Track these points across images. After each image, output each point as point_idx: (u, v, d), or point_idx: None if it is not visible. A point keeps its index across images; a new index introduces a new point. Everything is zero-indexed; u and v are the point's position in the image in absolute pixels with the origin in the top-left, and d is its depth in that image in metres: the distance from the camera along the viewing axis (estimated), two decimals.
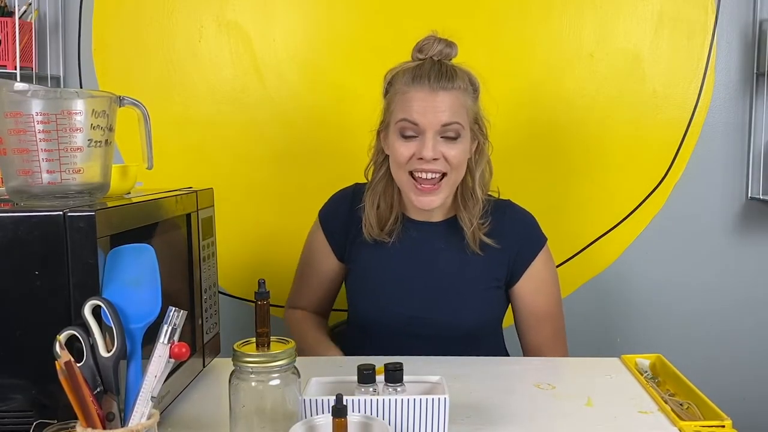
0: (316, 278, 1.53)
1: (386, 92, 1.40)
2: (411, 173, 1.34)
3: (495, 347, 1.49)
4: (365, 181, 1.48)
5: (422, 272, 1.42)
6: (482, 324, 1.44)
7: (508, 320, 1.50)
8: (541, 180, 1.91)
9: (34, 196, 0.89)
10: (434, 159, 1.31)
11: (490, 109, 1.42)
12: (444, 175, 1.34)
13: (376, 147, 1.43)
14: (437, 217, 1.44)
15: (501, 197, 1.48)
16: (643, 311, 1.96)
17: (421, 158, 1.31)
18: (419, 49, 1.37)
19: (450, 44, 1.37)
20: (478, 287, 1.42)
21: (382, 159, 1.42)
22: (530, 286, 1.44)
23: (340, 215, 1.48)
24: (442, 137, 1.32)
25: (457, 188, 1.41)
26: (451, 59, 1.38)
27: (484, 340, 1.45)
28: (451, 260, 1.42)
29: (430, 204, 1.35)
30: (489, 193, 1.45)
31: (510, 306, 1.49)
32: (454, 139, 1.33)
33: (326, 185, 1.58)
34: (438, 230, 1.43)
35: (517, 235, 1.43)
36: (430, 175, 1.33)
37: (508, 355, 1.54)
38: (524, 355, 1.49)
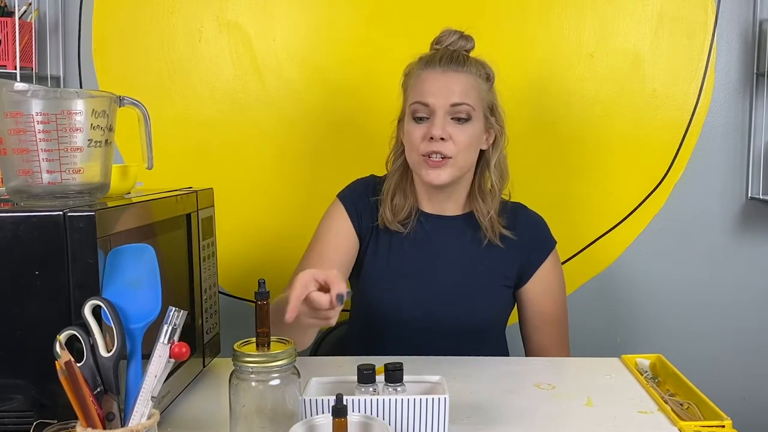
0: (332, 248, 1.45)
1: (403, 83, 1.44)
2: (422, 155, 1.36)
3: (499, 346, 1.49)
4: (373, 176, 1.50)
5: (433, 265, 1.43)
6: (490, 321, 1.44)
7: (510, 319, 1.50)
8: (541, 180, 1.91)
9: (34, 196, 0.89)
10: (442, 139, 1.33)
11: (504, 102, 1.45)
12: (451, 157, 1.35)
13: (396, 138, 1.46)
14: (451, 212, 1.45)
15: (512, 200, 1.49)
16: (643, 311, 1.96)
17: (431, 138, 1.33)
18: (437, 41, 1.42)
19: (466, 37, 1.42)
20: (489, 284, 1.43)
21: (400, 150, 1.45)
22: (539, 288, 1.45)
23: (361, 198, 1.48)
24: (452, 118, 1.35)
25: (474, 181, 1.43)
26: (466, 51, 1.42)
27: (489, 338, 1.45)
28: (463, 255, 1.43)
29: (438, 178, 1.35)
30: (502, 196, 1.45)
31: (516, 307, 1.49)
32: (465, 121, 1.35)
33: (326, 184, 1.58)
34: (451, 224, 1.44)
35: (528, 237, 1.44)
36: (438, 156, 1.35)
37: (508, 354, 1.54)
38: (527, 356, 1.49)
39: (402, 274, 1.43)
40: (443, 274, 1.42)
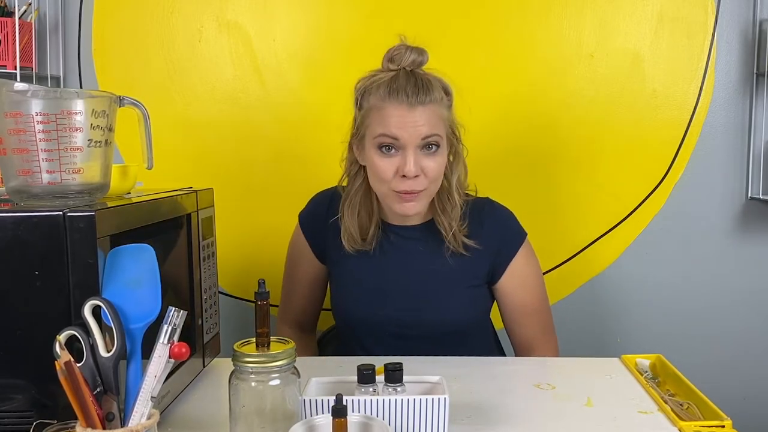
0: (302, 283, 1.54)
1: (359, 105, 1.38)
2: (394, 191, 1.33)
3: (484, 343, 1.49)
4: (337, 188, 1.48)
5: (403, 275, 1.42)
6: (467, 321, 1.44)
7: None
8: (541, 180, 1.91)
9: (34, 196, 0.89)
10: (416, 176, 1.30)
11: (464, 114, 1.40)
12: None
13: (349, 158, 1.41)
14: (415, 221, 1.43)
15: (479, 195, 1.46)
16: (643, 311, 1.95)
17: (404, 175, 1.29)
18: (390, 58, 1.35)
19: (421, 52, 1.34)
20: (459, 286, 1.42)
21: (356, 170, 1.40)
22: (513, 282, 1.43)
23: (320, 217, 1.48)
24: (422, 148, 1.31)
25: (436, 194, 1.40)
26: (422, 67, 1.35)
27: (471, 337, 1.45)
28: (430, 262, 1.41)
29: (412, 209, 1.34)
30: (467, 192, 1.44)
31: (496, 303, 1.49)
32: (434, 151, 1.32)
33: (326, 185, 1.58)
34: (416, 233, 1.43)
35: (495, 232, 1.42)
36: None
37: (501, 349, 1.54)
38: (515, 352, 1.49)
39: (373, 286, 1.42)
40: (410, 282, 1.41)
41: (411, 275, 1.42)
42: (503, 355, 1.55)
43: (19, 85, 0.99)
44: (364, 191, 1.41)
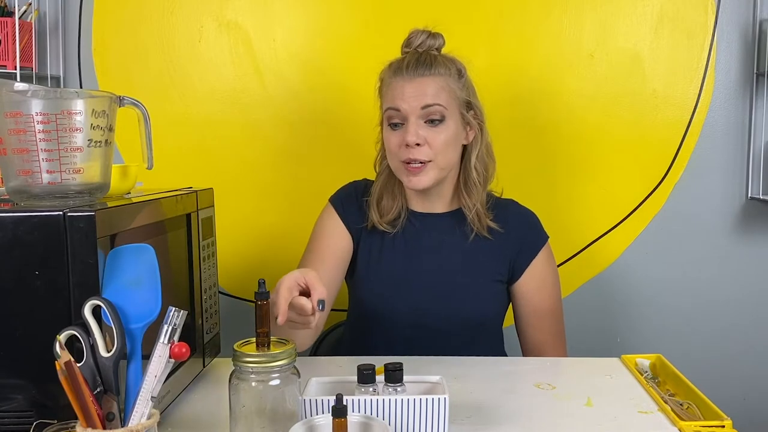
0: (324, 252, 1.45)
1: (378, 89, 1.44)
2: (402, 161, 1.37)
3: (494, 344, 1.49)
4: (365, 179, 1.52)
5: (425, 263, 1.43)
6: (483, 317, 1.44)
7: (507, 320, 1.51)
8: (541, 180, 1.91)
9: (34, 196, 0.89)
10: (417, 144, 1.34)
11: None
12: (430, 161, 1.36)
13: (380, 141, 1.47)
14: (440, 209, 1.46)
15: (504, 197, 1.50)
16: (643, 311, 1.96)
17: (407, 144, 1.34)
18: (406, 43, 1.43)
19: (434, 35, 1.42)
20: (480, 279, 1.43)
21: (382, 152, 1.46)
22: (532, 284, 1.45)
23: (350, 200, 1.49)
24: (426, 122, 1.35)
25: (459, 176, 1.44)
26: (436, 49, 1.41)
27: (483, 335, 1.45)
28: (453, 252, 1.43)
29: (419, 183, 1.36)
30: (492, 191, 1.47)
31: (511, 304, 1.49)
32: (439, 122, 1.35)
33: (326, 185, 1.58)
34: (441, 222, 1.45)
35: (518, 232, 1.45)
36: (417, 164, 1.35)
37: (505, 354, 1.54)
38: (524, 354, 1.49)
39: (392, 273, 1.44)
40: (433, 271, 1.43)
41: (432, 263, 1.43)
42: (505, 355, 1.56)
43: (19, 85, 0.99)
44: (389, 173, 1.45)
